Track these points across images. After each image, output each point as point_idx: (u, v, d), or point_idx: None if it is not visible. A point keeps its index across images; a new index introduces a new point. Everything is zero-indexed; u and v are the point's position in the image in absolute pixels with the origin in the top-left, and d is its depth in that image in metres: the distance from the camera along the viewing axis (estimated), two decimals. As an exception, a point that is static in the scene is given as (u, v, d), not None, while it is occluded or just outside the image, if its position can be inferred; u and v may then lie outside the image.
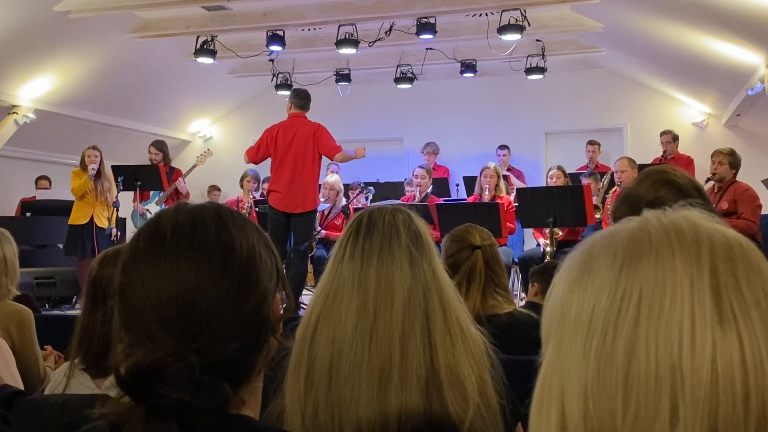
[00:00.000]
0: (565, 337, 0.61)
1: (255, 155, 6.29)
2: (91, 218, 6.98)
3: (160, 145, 8.04)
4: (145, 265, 0.89)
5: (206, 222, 0.92)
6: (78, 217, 7.01)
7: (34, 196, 8.96)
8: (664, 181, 1.79)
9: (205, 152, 8.56)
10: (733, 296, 0.56)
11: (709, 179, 6.27)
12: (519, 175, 8.94)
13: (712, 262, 0.57)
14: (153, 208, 7.91)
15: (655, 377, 0.55)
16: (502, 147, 9.21)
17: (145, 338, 0.86)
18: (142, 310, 0.88)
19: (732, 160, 6.07)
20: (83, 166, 7.00)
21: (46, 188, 9.03)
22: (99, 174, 6.99)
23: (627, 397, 0.56)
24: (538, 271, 3.70)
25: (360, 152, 6.34)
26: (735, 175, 6.11)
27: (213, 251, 0.90)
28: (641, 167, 6.85)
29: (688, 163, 8.01)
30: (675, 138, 8.28)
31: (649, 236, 0.60)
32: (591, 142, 8.84)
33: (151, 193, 7.98)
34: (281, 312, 0.98)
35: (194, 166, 8.36)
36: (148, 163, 7.91)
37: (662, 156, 8.24)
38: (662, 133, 8.37)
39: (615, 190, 6.85)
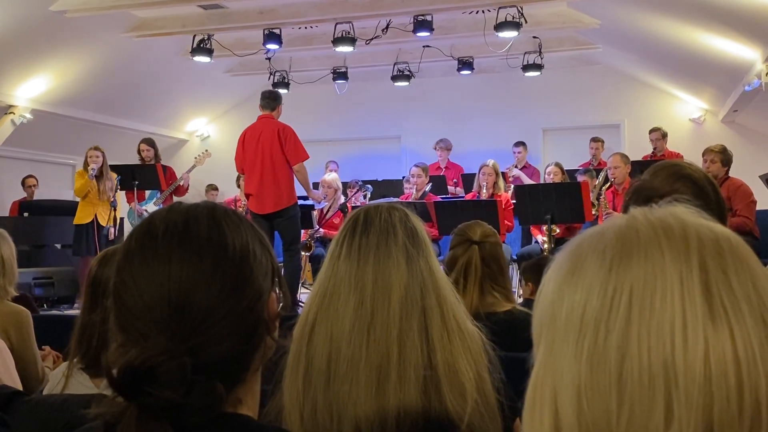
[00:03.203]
0: (556, 337, 0.61)
1: (237, 165, 6.28)
2: (95, 217, 7.02)
3: (150, 142, 8.06)
4: (138, 265, 0.89)
5: (199, 221, 0.92)
6: (82, 217, 7.07)
7: (25, 197, 8.95)
8: (679, 175, 1.77)
9: (203, 153, 8.56)
10: (724, 291, 0.56)
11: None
12: (534, 173, 8.66)
13: (701, 258, 0.57)
14: (151, 208, 7.90)
15: (649, 375, 0.55)
16: (518, 144, 8.93)
17: (138, 338, 0.86)
18: (135, 310, 0.88)
19: (723, 157, 6.06)
20: (86, 166, 7.03)
21: (33, 186, 9.02)
22: (101, 174, 7.01)
23: (621, 396, 0.56)
24: (529, 269, 3.67)
25: (315, 197, 6.59)
26: (727, 171, 6.11)
27: (205, 250, 0.90)
28: (639, 164, 6.86)
29: None
30: (664, 135, 8.28)
31: (637, 234, 0.60)
32: (594, 139, 8.80)
33: (148, 193, 7.98)
34: (277, 310, 0.98)
35: (193, 167, 8.36)
36: (138, 161, 7.91)
37: (652, 153, 8.24)
38: (651, 131, 8.36)
39: (610, 186, 6.85)
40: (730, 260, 0.58)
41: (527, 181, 8.28)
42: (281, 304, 0.99)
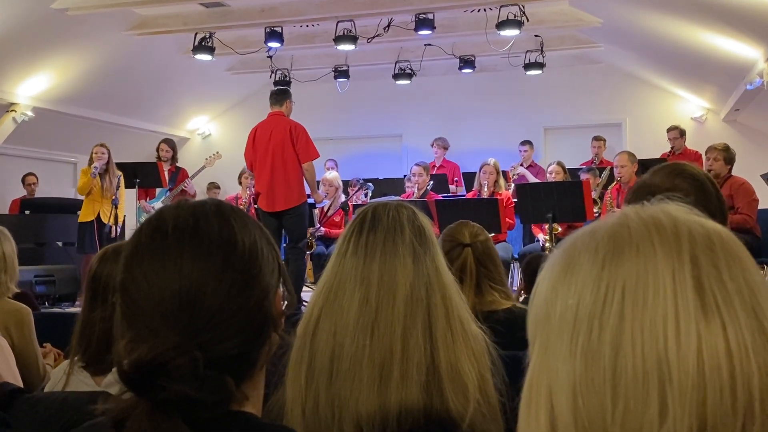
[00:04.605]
0: (551, 335, 0.61)
1: (247, 162, 6.28)
2: (98, 215, 7.03)
3: (171, 144, 8.20)
4: (148, 261, 0.90)
5: (208, 218, 0.93)
6: (86, 214, 7.08)
7: (25, 195, 8.95)
8: (678, 172, 1.81)
9: (214, 154, 8.58)
10: (716, 286, 0.57)
11: (707, 175, 6.23)
12: (539, 172, 8.62)
13: (692, 253, 0.58)
14: (158, 206, 7.91)
15: (643, 371, 0.55)
16: (525, 142, 8.99)
17: (147, 333, 0.86)
18: (144, 305, 0.88)
19: (726, 155, 6.06)
20: (92, 163, 7.04)
21: (33, 183, 9.03)
22: (106, 170, 7.02)
23: (615, 392, 0.56)
24: (523, 268, 3.68)
25: (318, 198, 6.68)
26: (730, 170, 6.11)
27: (216, 247, 0.91)
28: (641, 162, 6.85)
29: (696, 158, 7.90)
30: (682, 133, 8.23)
31: (629, 231, 0.61)
32: (596, 138, 8.79)
33: (158, 191, 8.01)
34: (283, 307, 0.98)
35: (203, 168, 8.38)
36: (154, 159, 7.95)
37: (670, 151, 8.20)
38: (669, 129, 8.31)
39: (615, 185, 6.85)
40: (722, 255, 0.58)
41: (532, 179, 8.26)
42: (286, 302, 1.00)
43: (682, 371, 0.55)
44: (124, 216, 7.72)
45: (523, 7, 7.12)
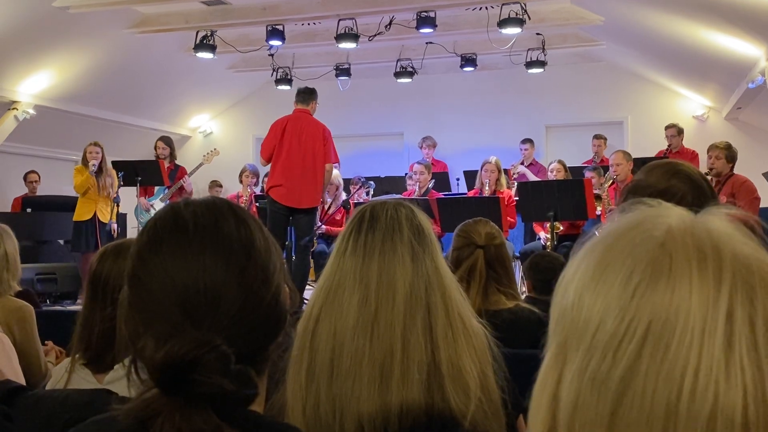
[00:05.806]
0: (569, 341, 0.59)
1: (268, 153, 6.24)
2: (95, 214, 7.03)
3: (168, 141, 8.16)
4: (169, 256, 0.90)
5: (226, 216, 0.95)
6: (82, 213, 7.08)
7: (26, 193, 8.96)
8: (674, 172, 1.79)
9: (211, 151, 8.57)
10: (745, 345, 0.53)
11: (706, 174, 6.24)
12: (540, 170, 8.58)
13: (730, 304, 0.53)
14: (157, 204, 7.93)
15: (648, 416, 0.53)
16: (525, 141, 9.00)
17: (171, 329, 0.86)
18: (165, 300, 0.88)
19: (728, 153, 6.06)
20: (85, 162, 7.04)
21: (35, 181, 9.04)
22: (100, 169, 7.03)
23: (612, 427, 0.54)
24: (528, 267, 3.67)
25: (324, 198, 6.84)
26: (732, 168, 6.11)
27: (237, 245, 0.93)
28: (642, 161, 6.84)
29: (693, 157, 7.92)
30: (680, 131, 8.22)
31: (670, 262, 0.56)
32: (597, 137, 8.78)
33: (156, 189, 8.01)
34: (289, 304, 1.00)
35: (200, 165, 8.37)
36: (153, 158, 7.94)
37: (667, 149, 8.19)
38: (667, 127, 8.30)
39: (612, 184, 6.84)
40: (761, 310, 0.54)
41: (532, 177, 8.25)
42: (290, 299, 1.02)
43: (689, 427, 0.51)
44: (125, 214, 7.73)
45: (525, 5, 7.12)
